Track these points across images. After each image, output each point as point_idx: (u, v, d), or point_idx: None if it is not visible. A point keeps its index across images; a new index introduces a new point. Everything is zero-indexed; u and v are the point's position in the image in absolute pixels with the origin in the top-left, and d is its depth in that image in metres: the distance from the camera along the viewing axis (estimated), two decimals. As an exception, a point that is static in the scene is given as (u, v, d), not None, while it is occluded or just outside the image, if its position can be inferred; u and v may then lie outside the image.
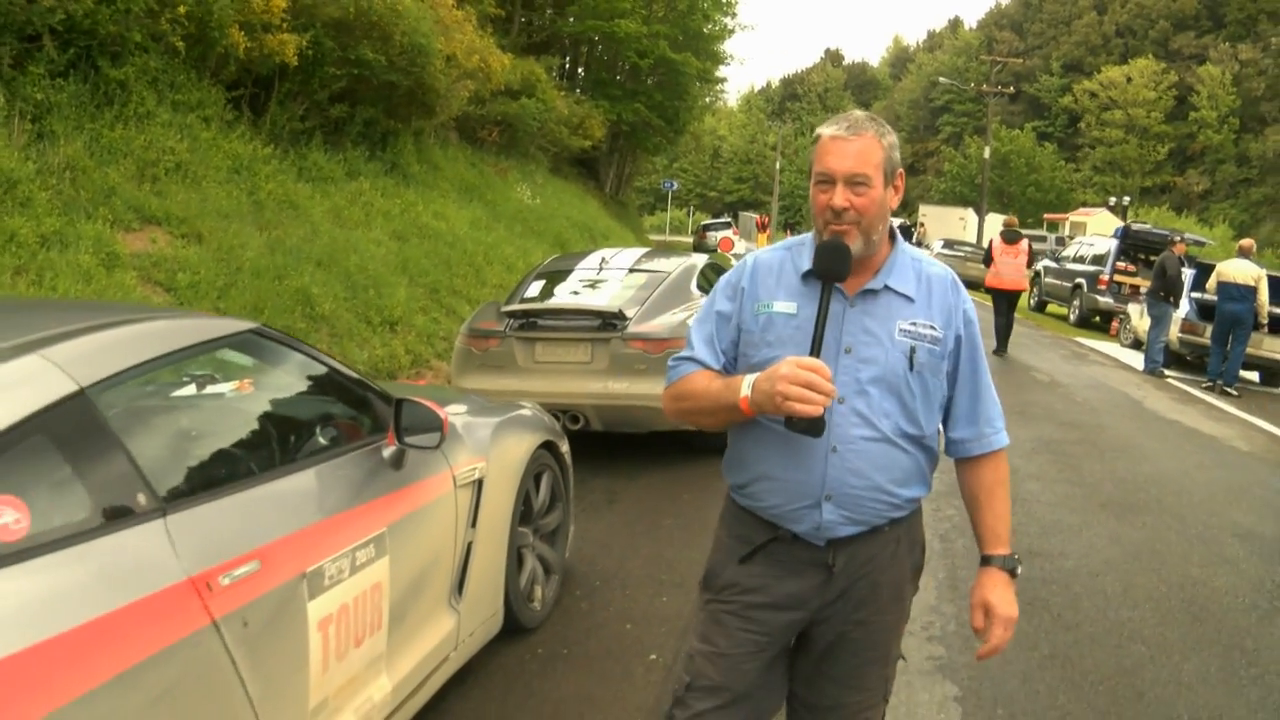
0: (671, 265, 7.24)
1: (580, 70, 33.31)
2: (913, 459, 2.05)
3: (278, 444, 2.65)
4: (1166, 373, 13.03)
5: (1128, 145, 66.23)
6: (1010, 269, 13.40)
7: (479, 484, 3.43)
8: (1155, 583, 4.98)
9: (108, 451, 2.01)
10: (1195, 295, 13.68)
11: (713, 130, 76.67)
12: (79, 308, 3.06)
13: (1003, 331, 13.56)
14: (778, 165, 69.39)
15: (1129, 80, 66.77)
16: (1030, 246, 13.99)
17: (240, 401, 2.81)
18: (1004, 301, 13.53)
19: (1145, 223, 26.83)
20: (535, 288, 7.03)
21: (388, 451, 2.89)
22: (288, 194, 10.45)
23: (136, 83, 8.84)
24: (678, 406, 2.14)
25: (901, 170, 2.03)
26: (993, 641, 2.10)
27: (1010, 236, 13.54)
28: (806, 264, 2.04)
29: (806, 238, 2.10)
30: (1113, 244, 18.67)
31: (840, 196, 1.93)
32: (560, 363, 6.37)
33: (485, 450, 3.53)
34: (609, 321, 6.32)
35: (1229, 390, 11.87)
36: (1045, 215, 52.64)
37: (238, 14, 9.73)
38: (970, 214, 41.72)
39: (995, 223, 14.69)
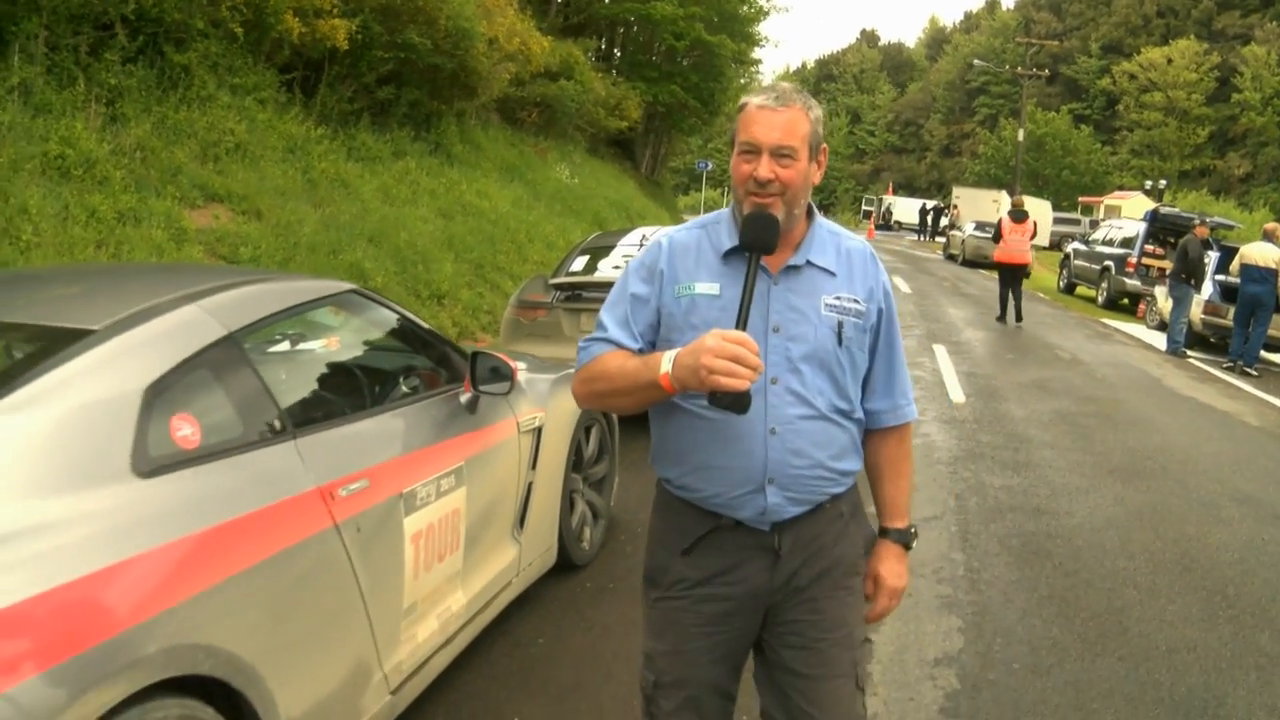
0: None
1: (617, 52, 33.52)
2: (847, 433, 2.04)
3: (376, 386, 3.13)
4: (1189, 353, 13.30)
5: (1167, 128, 65.23)
6: (1015, 244, 14.42)
7: (538, 432, 3.89)
8: (1152, 538, 5.36)
9: (250, 384, 2.48)
10: (1219, 277, 13.90)
11: (747, 111, 76.26)
12: (211, 270, 3.54)
13: (1015, 303, 14.54)
14: (811, 146, 68.86)
15: (1169, 62, 65.71)
16: (1035, 225, 15.03)
17: (341, 351, 3.28)
18: (1009, 274, 14.59)
19: (1174, 206, 26.84)
20: (580, 262, 7.43)
21: (465, 397, 3.35)
22: (339, 173, 10.94)
23: (198, 67, 9.33)
24: (590, 389, 2.06)
25: (825, 146, 2.01)
26: (877, 609, 2.17)
27: (1017, 216, 14.63)
28: (726, 243, 1.99)
29: (722, 214, 2.06)
30: (1141, 227, 18.85)
31: (765, 167, 1.89)
32: None
33: (544, 402, 3.99)
34: None
35: (1249, 370, 12.12)
36: (1080, 198, 52.27)
37: (292, 0, 10.22)
38: (1004, 196, 41.54)
39: (1028, 206, 15.39)
